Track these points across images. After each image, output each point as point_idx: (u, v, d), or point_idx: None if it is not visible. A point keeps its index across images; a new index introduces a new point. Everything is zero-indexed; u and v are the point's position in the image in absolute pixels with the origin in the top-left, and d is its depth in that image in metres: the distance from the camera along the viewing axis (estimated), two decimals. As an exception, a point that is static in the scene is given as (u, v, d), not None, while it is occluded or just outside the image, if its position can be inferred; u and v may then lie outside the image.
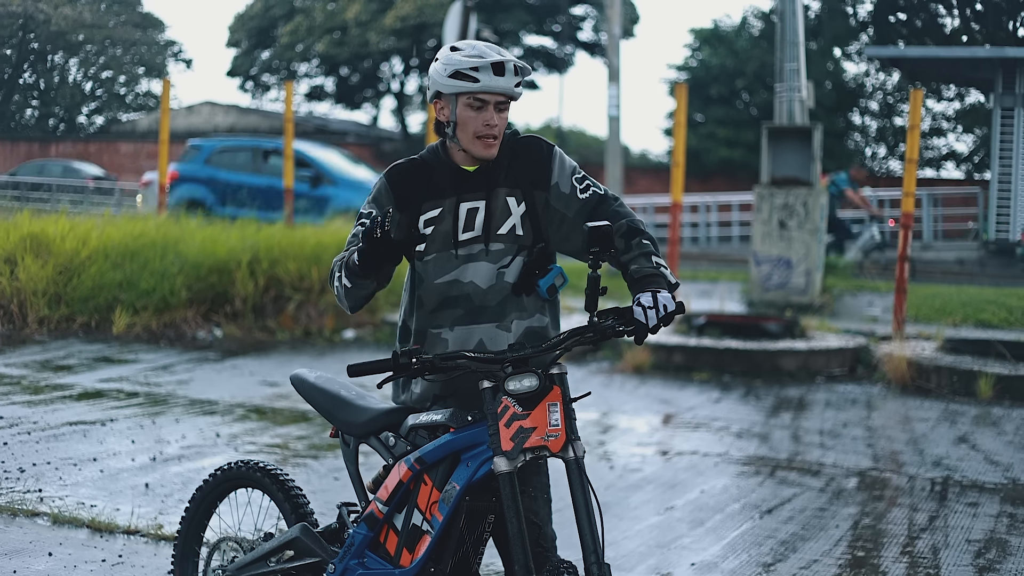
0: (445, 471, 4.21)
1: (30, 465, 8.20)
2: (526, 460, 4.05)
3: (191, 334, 14.46)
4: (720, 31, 47.55)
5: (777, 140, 18.12)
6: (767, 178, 17.93)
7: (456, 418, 4.23)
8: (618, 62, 22.03)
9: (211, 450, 8.94)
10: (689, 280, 21.10)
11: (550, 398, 4.09)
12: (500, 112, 4.29)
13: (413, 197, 4.39)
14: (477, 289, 4.34)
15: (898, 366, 12.81)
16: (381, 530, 4.39)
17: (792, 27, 18.44)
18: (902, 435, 10.66)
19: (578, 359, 13.88)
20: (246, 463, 4.94)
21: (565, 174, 4.42)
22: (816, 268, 17.28)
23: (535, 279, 4.36)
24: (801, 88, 18.46)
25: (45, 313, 14.13)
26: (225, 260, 15.03)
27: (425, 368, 4.09)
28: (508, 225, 4.36)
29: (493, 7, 47.94)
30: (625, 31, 50.47)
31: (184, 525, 5.09)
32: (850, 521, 7.83)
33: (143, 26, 57.01)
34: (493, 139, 4.30)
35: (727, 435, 10.37)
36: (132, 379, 11.66)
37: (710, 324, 14.35)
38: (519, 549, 4.00)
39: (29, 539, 6.66)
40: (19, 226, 14.98)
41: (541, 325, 4.41)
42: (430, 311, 4.40)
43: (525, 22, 50.53)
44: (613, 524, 7.54)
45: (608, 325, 4.17)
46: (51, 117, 56.80)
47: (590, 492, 4.06)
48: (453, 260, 4.35)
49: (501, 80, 4.23)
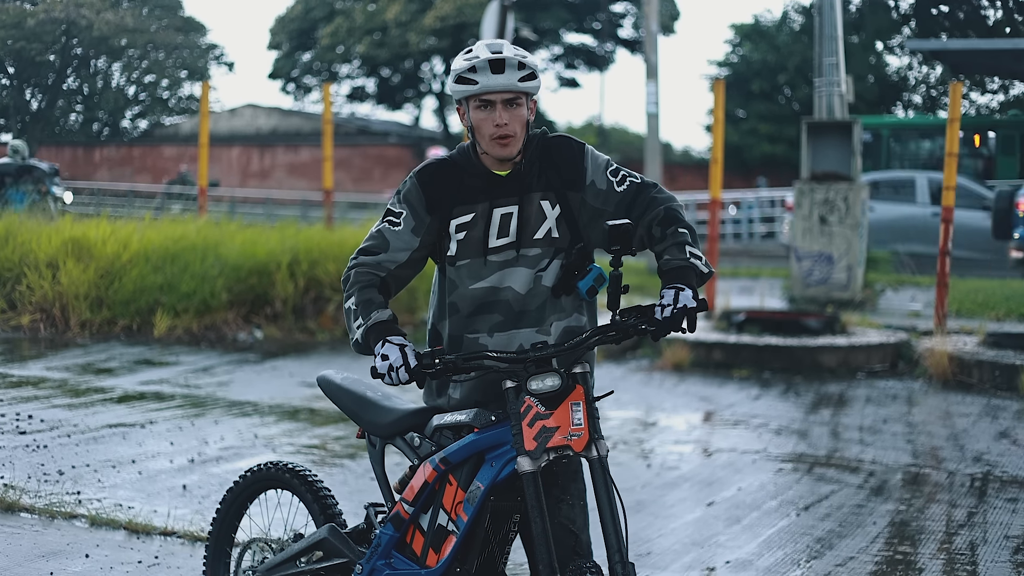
0: (470, 471, 4.21)
1: (69, 468, 8.26)
2: (549, 459, 4.05)
3: (231, 336, 14.53)
4: (761, 26, 47.44)
5: (817, 135, 18.03)
6: (807, 173, 17.84)
7: (480, 418, 4.23)
8: (656, 59, 21.99)
9: (249, 451, 8.98)
10: (730, 277, 21.06)
11: (573, 397, 4.09)
12: (511, 109, 4.22)
13: (444, 200, 4.34)
14: (516, 295, 4.29)
15: (939, 361, 12.72)
16: (407, 530, 4.39)
17: (831, 21, 18.33)
18: (942, 431, 10.59)
19: (617, 357, 13.86)
20: (275, 464, 4.96)
21: (599, 171, 4.35)
22: (858, 263, 17.18)
23: (575, 280, 4.31)
24: (840, 82, 18.34)
25: (87, 316, 14.23)
26: (265, 262, 15.09)
27: (448, 369, 4.09)
28: (544, 229, 4.31)
29: (533, 6, 47.97)
30: (665, 28, 50.40)
31: (215, 526, 5.12)
32: (888, 518, 7.78)
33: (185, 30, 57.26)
34: (507, 138, 4.23)
35: (766, 432, 10.33)
36: (172, 381, 11.72)
37: (750, 321, 14.30)
38: (543, 549, 4.00)
39: (66, 541, 6.71)
40: (61, 231, 15.09)
41: (579, 324, 4.38)
42: (466, 316, 4.35)
43: (565, 20, 50.54)
44: (649, 522, 7.53)
45: (630, 324, 4.16)
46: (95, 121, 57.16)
47: (614, 491, 4.05)
48: (486, 266, 4.31)
49: (500, 78, 4.18)
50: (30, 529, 6.90)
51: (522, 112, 4.25)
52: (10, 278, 14.60)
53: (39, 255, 14.53)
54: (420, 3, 48.05)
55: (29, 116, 54.07)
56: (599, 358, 13.57)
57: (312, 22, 53.18)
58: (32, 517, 7.13)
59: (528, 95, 4.26)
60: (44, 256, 14.52)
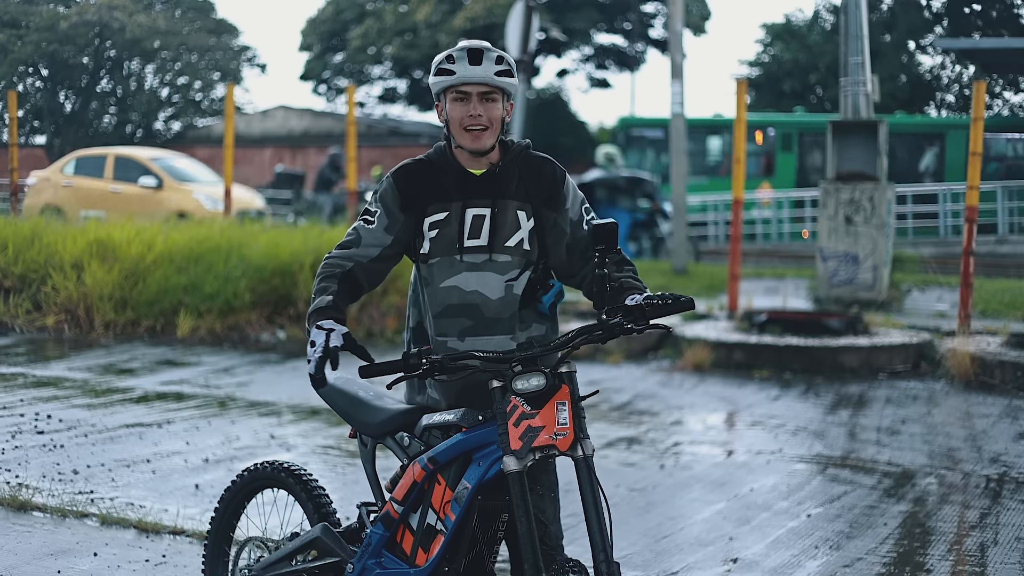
0: (458, 471, 4.23)
1: (84, 467, 8.32)
2: (535, 459, 4.07)
3: (254, 337, 14.60)
4: (792, 26, 47.31)
5: (842, 135, 17.97)
6: (832, 173, 17.79)
7: (468, 418, 4.25)
8: (681, 59, 21.94)
9: (264, 451, 9.02)
10: (755, 277, 21.02)
11: (558, 397, 4.10)
12: (486, 103, 4.30)
13: (419, 198, 4.41)
14: (486, 300, 4.35)
15: (961, 362, 12.67)
16: (397, 530, 4.42)
17: (856, 20, 18.26)
18: (961, 431, 10.54)
19: (638, 358, 13.86)
20: (272, 463, 5.00)
21: (576, 202, 4.48)
22: (883, 264, 17.11)
23: (539, 294, 4.40)
24: (866, 82, 18.27)
25: (111, 317, 14.34)
26: (288, 263, 15.16)
27: (435, 369, 4.11)
28: (516, 238, 4.38)
29: (563, 6, 47.94)
30: (696, 28, 50.32)
31: (214, 525, 5.15)
32: (899, 519, 7.75)
33: (217, 32, 57.50)
34: (479, 129, 4.31)
35: (782, 433, 10.31)
36: (192, 381, 11.79)
37: (771, 321, 14.26)
38: (528, 548, 4.02)
39: (76, 540, 6.76)
40: (86, 232, 15.22)
41: (541, 334, 4.48)
42: (434, 316, 4.42)
43: (595, 21, 50.48)
44: (659, 522, 7.54)
45: (616, 323, 4.17)
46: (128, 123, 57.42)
47: (599, 490, 4.06)
48: (457, 266, 4.37)
49: (478, 69, 4.26)
50: (41, 528, 6.96)
51: (497, 107, 4.33)
52: (35, 279, 14.73)
53: (64, 256, 14.66)
54: (450, 4, 48.10)
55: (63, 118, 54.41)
56: (618, 359, 13.60)
57: (343, 23, 53.31)
58: (44, 516, 7.19)
59: (504, 93, 4.31)
60: (69, 257, 14.65)
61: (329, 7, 54.06)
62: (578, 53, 53.68)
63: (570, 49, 52.59)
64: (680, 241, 22.34)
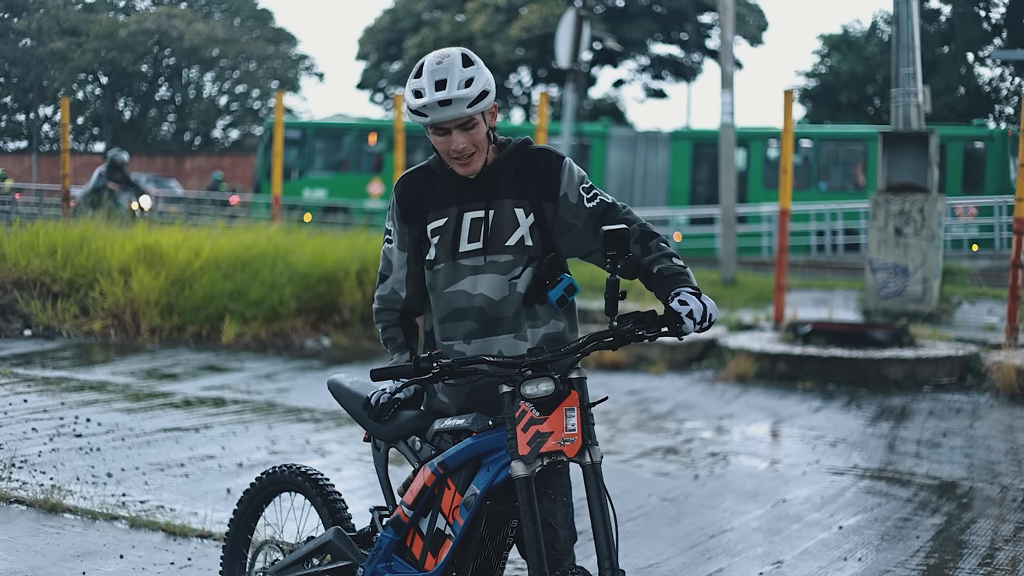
0: (467, 475, 4.22)
1: (118, 470, 8.38)
2: (543, 465, 4.05)
3: (299, 343, 14.66)
4: (849, 36, 47.06)
5: (893, 146, 17.85)
6: (883, 184, 17.67)
7: (478, 423, 4.24)
8: (732, 69, 21.88)
9: (298, 457, 9.05)
10: (803, 289, 20.90)
11: (567, 403, 4.08)
12: (466, 131, 4.24)
13: (418, 207, 4.42)
14: (489, 301, 4.34)
15: (1007, 375, 12.54)
16: (407, 534, 4.42)
17: (907, 31, 18.15)
18: (1002, 445, 10.43)
19: (681, 368, 13.81)
20: (289, 467, 5.01)
21: (573, 184, 4.37)
22: (933, 276, 16.97)
23: (545, 290, 4.35)
24: (917, 92, 18.15)
25: (157, 323, 14.44)
26: (333, 270, 15.23)
27: (445, 373, 4.10)
28: (516, 236, 4.34)
29: (620, 17, 47.95)
30: (753, 38, 50.16)
31: (232, 528, 5.18)
32: (932, 531, 7.68)
33: (276, 41, 57.96)
34: (466, 158, 4.28)
35: (821, 444, 10.24)
36: (234, 387, 11.85)
37: (816, 332, 14.18)
38: (534, 554, 4.00)
39: (104, 542, 6.80)
40: (134, 238, 15.34)
41: (557, 331, 4.40)
42: (439, 321, 4.43)
43: (652, 31, 50.44)
44: (687, 532, 7.50)
45: (627, 329, 4.14)
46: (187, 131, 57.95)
47: (606, 498, 4.04)
48: (460, 270, 4.36)
49: (449, 110, 4.17)
50: (71, 530, 7.01)
51: (479, 130, 4.26)
52: (83, 284, 14.86)
53: (112, 262, 14.78)
54: (506, 14, 48.22)
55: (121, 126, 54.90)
56: (661, 369, 13.56)
57: (399, 33, 53.57)
58: (74, 518, 7.24)
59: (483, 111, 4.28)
60: (117, 263, 14.76)
61: (386, 16, 54.34)
62: (634, 63, 53.66)
63: (626, 59, 52.56)
64: (729, 252, 22.26)
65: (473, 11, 49.54)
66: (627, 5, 49.78)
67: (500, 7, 48.40)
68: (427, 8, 52.91)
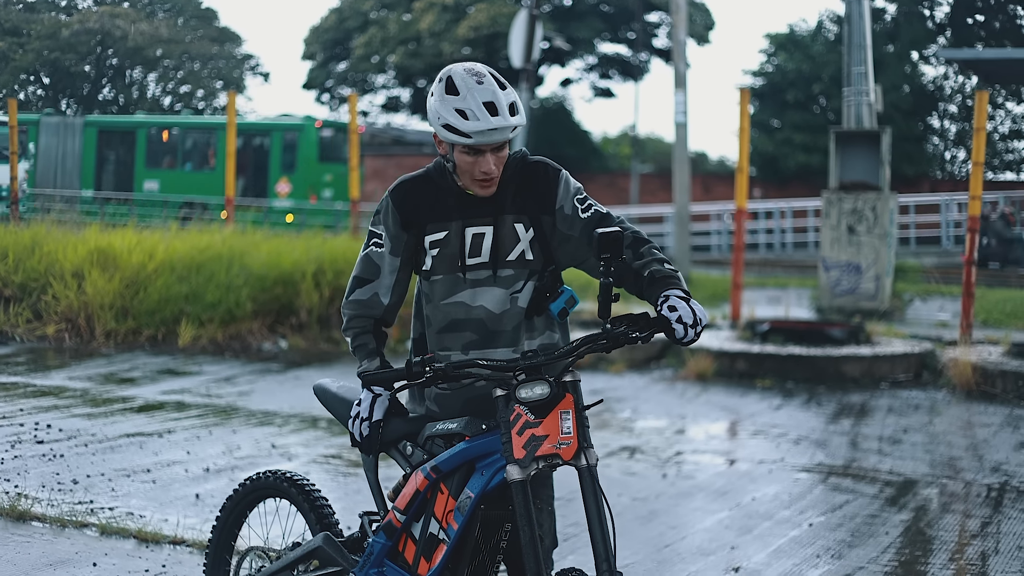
0: (460, 480, 4.20)
1: (84, 477, 8.29)
2: (539, 468, 4.04)
3: (256, 346, 14.58)
4: (796, 35, 47.22)
5: (845, 144, 18.00)
6: (835, 183, 17.80)
7: (471, 427, 4.22)
8: (684, 68, 21.94)
9: (265, 461, 9.00)
10: (758, 287, 21.00)
11: (562, 406, 4.07)
12: (498, 153, 4.20)
13: (418, 216, 4.36)
14: (490, 314, 4.31)
15: (963, 371, 12.66)
16: (399, 539, 4.39)
17: (859, 30, 18.28)
18: (962, 441, 10.52)
19: (640, 367, 13.84)
20: (274, 473, 4.97)
21: (569, 196, 4.35)
22: (886, 273, 17.11)
23: (546, 302, 4.34)
24: (869, 92, 18.29)
25: (112, 326, 14.31)
26: (290, 272, 15.14)
27: (438, 377, 4.08)
28: (517, 251, 4.32)
29: (567, 16, 47.98)
30: (700, 37, 50.30)
31: (215, 534, 5.13)
32: (900, 528, 7.74)
33: (220, 40, 57.48)
34: (491, 179, 4.24)
35: (784, 442, 10.29)
36: (194, 391, 11.77)
37: (774, 331, 14.25)
38: (531, 557, 3.99)
39: (75, 550, 6.73)
40: (87, 240, 15.19)
41: (552, 342, 4.41)
42: (436, 332, 4.39)
43: (599, 30, 50.45)
44: (661, 532, 7.52)
45: (621, 332, 4.14)
46: (131, 132, 57.40)
47: (603, 500, 4.03)
48: (461, 283, 4.33)
49: (496, 134, 4.11)
50: (40, 538, 6.93)
51: (506, 152, 4.24)
52: (36, 288, 14.71)
53: (65, 265, 14.64)
54: (454, 13, 48.09)
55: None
56: (621, 368, 13.58)
57: (346, 32, 53.31)
58: (43, 526, 7.16)
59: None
60: (70, 266, 14.62)
61: (332, 15, 54.07)
62: (582, 63, 53.67)
63: (574, 59, 52.59)
64: (683, 251, 22.33)
65: (420, 10, 49.35)
66: (574, 4, 49.76)
67: (447, 6, 48.27)
68: (374, 7, 52.69)
